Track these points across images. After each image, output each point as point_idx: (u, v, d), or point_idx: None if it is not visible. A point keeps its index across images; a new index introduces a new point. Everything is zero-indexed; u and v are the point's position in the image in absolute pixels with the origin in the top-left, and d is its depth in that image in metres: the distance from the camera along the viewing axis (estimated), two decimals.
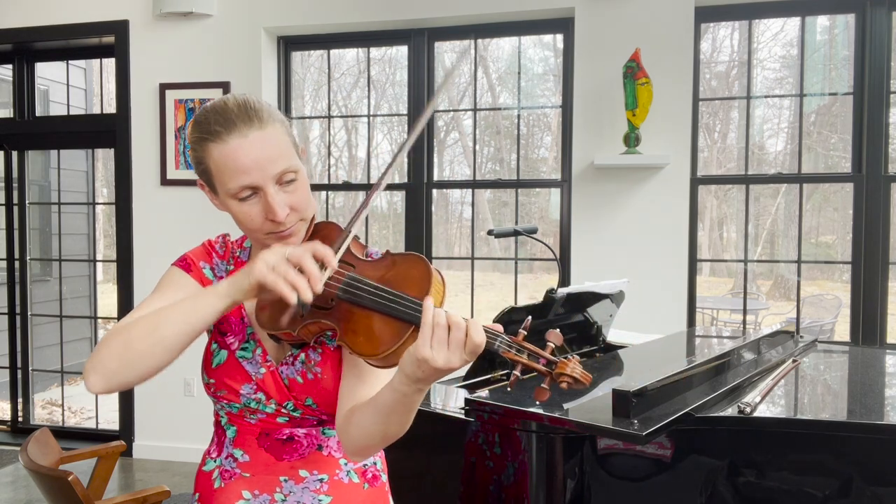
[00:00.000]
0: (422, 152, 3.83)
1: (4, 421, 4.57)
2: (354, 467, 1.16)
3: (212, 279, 1.15)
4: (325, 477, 1.13)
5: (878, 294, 3.31)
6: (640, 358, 2.25)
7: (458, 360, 0.87)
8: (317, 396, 1.10)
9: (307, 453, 1.12)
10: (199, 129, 1.03)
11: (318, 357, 1.10)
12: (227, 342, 1.12)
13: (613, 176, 3.43)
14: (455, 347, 0.87)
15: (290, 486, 1.12)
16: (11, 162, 4.43)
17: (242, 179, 1.00)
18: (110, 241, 9.40)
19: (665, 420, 1.48)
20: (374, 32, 3.85)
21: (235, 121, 1.01)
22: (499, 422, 1.59)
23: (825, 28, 7.74)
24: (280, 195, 1.03)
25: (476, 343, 0.86)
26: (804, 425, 1.61)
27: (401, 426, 0.98)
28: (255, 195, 1.03)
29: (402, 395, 0.92)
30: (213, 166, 1.03)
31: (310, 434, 1.13)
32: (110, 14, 4.00)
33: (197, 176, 1.10)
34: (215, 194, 1.09)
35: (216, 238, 1.22)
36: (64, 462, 2.15)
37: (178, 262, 1.15)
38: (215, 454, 1.18)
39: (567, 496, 1.54)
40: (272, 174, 1.01)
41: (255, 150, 1.00)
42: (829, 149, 10.02)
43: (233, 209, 1.05)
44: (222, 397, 1.12)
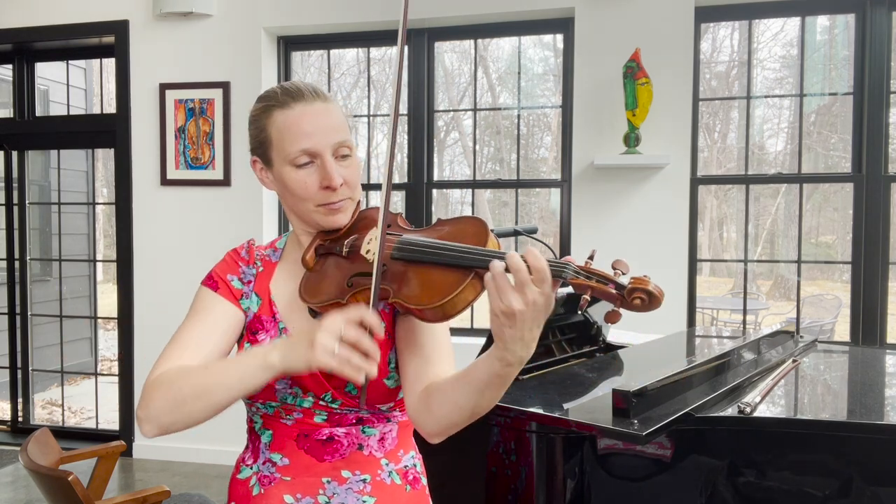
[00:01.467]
0: (422, 152, 3.83)
1: (4, 421, 4.57)
2: (396, 468, 1.14)
3: (241, 288, 1.15)
4: (368, 477, 1.11)
5: (878, 294, 3.31)
6: (640, 358, 2.25)
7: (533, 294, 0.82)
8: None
9: (348, 453, 1.10)
10: (266, 101, 1.11)
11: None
12: (258, 340, 1.11)
13: (613, 176, 3.43)
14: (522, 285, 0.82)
15: (334, 487, 1.09)
16: (11, 162, 4.43)
17: (304, 143, 1.06)
18: (110, 241, 9.40)
19: (665, 420, 1.48)
20: (374, 32, 3.85)
21: (303, 92, 1.09)
22: (509, 424, 1.59)
23: (825, 28, 7.75)
24: (336, 166, 1.08)
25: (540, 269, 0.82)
26: (804, 425, 1.61)
27: (492, 401, 0.96)
28: (311, 164, 1.08)
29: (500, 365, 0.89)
30: (276, 132, 1.08)
31: (349, 433, 1.10)
32: (110, 14, 4.00)
33: (252, 153, 1.15)
34: (269, 167, 1.13)
35: (241, 245, 1.22)
36: (64, 462, 2.14)
37: (206, 281, 1.16)
38: (251, 461, 1.15)
39: (567, 496, 1.54)
40: (332, 142, 1.07)
41: (318, 118, 1.07)
42: (829, 149, 10.02)
43: (288, 178, 1.09)
44: (257, 397, 1.10)
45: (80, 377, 5.98)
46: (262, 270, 1.17)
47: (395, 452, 1.15)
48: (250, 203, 3.86)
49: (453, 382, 0.98)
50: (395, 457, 1.14)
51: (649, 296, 0.83)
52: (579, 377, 1.94)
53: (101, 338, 7.56)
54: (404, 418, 1.16)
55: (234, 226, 3.87)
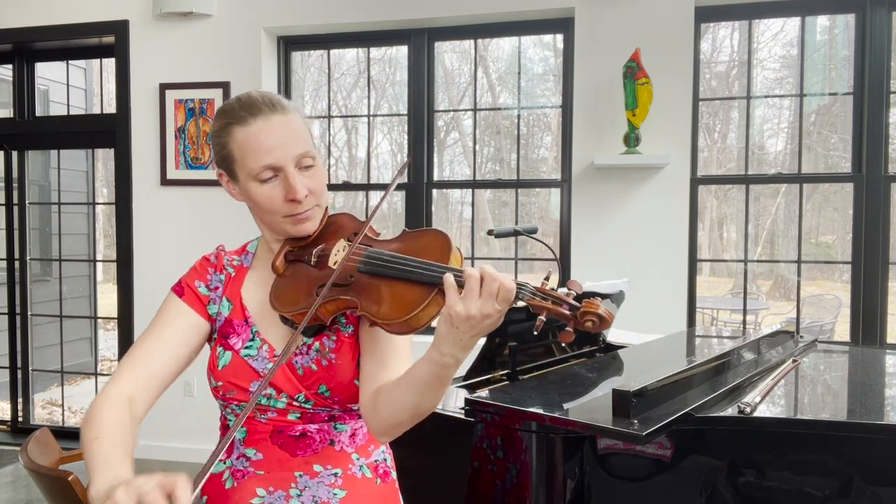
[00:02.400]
0: (422, 152, 3.83)
1: (4, 421, 4.57)
2: (367, 462, 1.17)
3: (207, 294, 1.19)
4: (339, 471, 1.14)
5: (878, 294, 3.31)
6: (640, 358, 2.25)
7: (491, 308, 0.89)
8: (330, 382, 1.11)
9: (320, 448, 1.13)
10: (225, 117, 1.11)
11: (333, 344, 1.12)
12: (230, 344, 1.15)
13: (613, 176, 3.43)
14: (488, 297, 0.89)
15: (306, 480, 1.13)
16: (11, 162, 4.43)
17: (265, 158, 1.07)
18: (110, 241, 9.40)
19: (665, 420, 1.48)
20: (374, 32, 3.85)
21: (260, 106, 1.09)
22: (499, 422, 1.59)
23: (825, 28, 7.75)
24: (300, 178, 1.09)
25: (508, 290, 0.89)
26: (804, 425, 1.61)
27: (432, 401, 1.00)
28: (275, 177, 1.09)
29: (438, 365, 0.95)
30: (237, 149, 1.09)
31: (322, 429, 1.14)
32: (110, 14, 4.00)
33: (217, 167, 1.16)
34: (235, 182, 1.14)
35: (211, 252, 1.25)
36: (64, 462, 2.14)
37: (174, 287, 1.20)
38: (224, 456, 1.18)
39: (567, 496, 1.54)
40: (293, 155, 1.08)
41: (277, 132, 1.08)
42: (829, 149, 10.02)
43: (253, 192, 1.10)
44: (232, 398, 1.13)
45: (80, 377, 5.98)
46: (234, 276, 1.21)
47: (365, 447, 1.18)
48: None
49: (396, 383, 1.03)
50: (365, 451, 1.18)
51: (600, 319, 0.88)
52: (579, 377, 1.94)
53: (101, 338, 7.56)
54: None
55: (234, 226, 3.87)
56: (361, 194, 4.35)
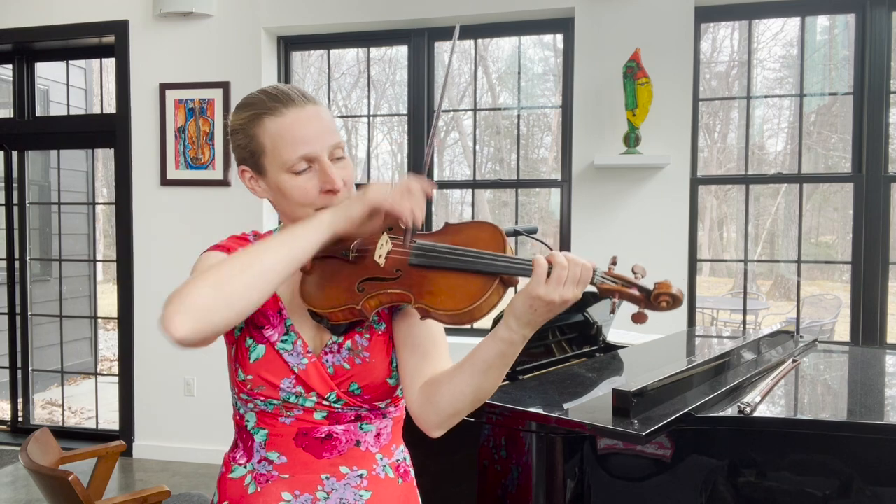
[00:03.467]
0: (421, 152, 3.83)
1: (4, 421, 4.57)
2: (389, 462, 1.16)
3: None
4: (364, 472, 1.12)
5: (878, 294, 3.31)
6: (640, 358, 2.25)
7: (571, 293, 0.92)
8: (363, 381, 1.09)
9: (346, 449, 1.11)
10: (252, 108, 1.09)
11: (366, 342, 1.11)
12: (265, 335, 1.09)
13: (613, 176, 3.43)
14: (571, 282, 0.92)
15: (332, 483, 1.10)
16: (11, 162, 4.43)
17: (302, 149, 1.05)
18: (110, 241, 9.40)
19: (665, 420, 1.48)
20: (374, 32, 3.85)
21: (293, 97, 1.08)
22: (500, 422, 1.59)
23: (825, 28, 7.74)
24: (334, 168, 1.08)
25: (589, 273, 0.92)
26: (804, 425, 1.61)
27: (495, 383, 1.00)
28: (310, 169, 1.07)
29: (507, 344, 0.96)
30: (269, 141, 1.06)
31: (348, 430, 1.11)
32: (110, 14, 4.00)
33: (240, 163, 1.13)
34: (262, 175, 1.10)
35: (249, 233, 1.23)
36: (64, 462, 2.15)
37: (214, 247, 1.14)
38: (244, 460, 1.15)
39: (567, 496, 1.54)
40: (329, 144, 1.07)
41: (312, 122, 1.06)
42: (829, 149, 10.02)
43: (285, 185, 1.07)
44: (259, 394, 1.08)
45: (80, 377, 5.98)
46: None
47: (388, 447, 1.17)
48: (250, 203, 3.86)
49: (456, 369, 1.02)
50: (388, 451, 1.16)
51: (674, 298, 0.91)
52: (579, 377, 1.94)
53: (101, 338, 7.56)
54: (398, 413, 1.18)
55: (234, 226, 3.87)
56: None
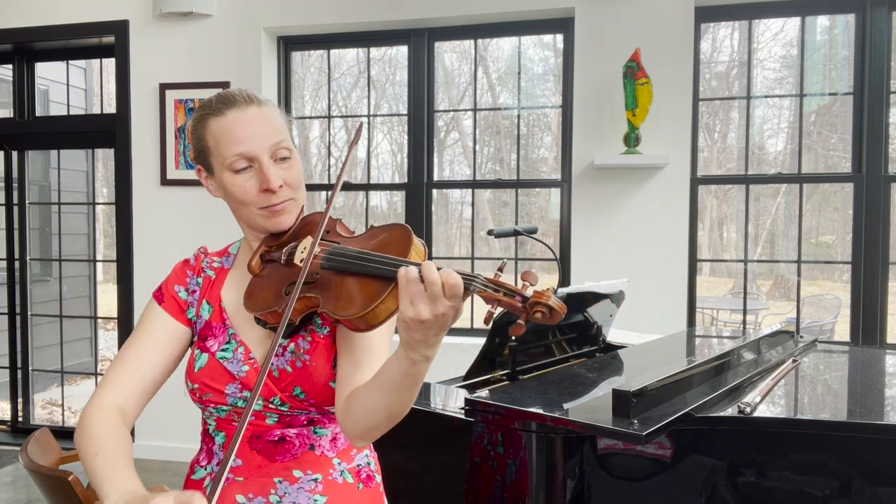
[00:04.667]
0: (422, 152, 3.83)
1: (4, 421, 4.57)
2: (348, 467, 1.16)
3: (186, 298, 1.19)
4: (320, 476, 1.13)
5: (878, 294, 3.31)
6: (640, 358, 2.25)
7: (444, 307, 0.85)
8: (305, 384, 1.10)
9: (300, 453, 1.12)
10: (202, 110, 1.13)
11: (308, 345, 1.11)
12: (207, 346, 1.14)
13: (613, 176, 3.43)
14: (435, 297, 0.85)
15: (285, 486, 1.11)
16: (11, 162, 4.43)
17: (238, 147, 1.08)
18: (110, 241, 9.40)
19: (665, 420, 1.48)
20: (374, 32, 3.85)
21: (236, 98, 1.11)
22: (500, 422, 1.59)
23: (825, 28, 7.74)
24: (274, 168, 1.09)
25: (453, 285, 0.85)
26: (804, 425, 1.61)
27: (406, 402, 0.97)
28: (250, 168, 1.09)
29: (408, 364, 0.91)
30: (212, 140, 1.11)
31: (301, 434, 1.12)
32: (110, 14, 4.00)
33: (195, 162, 1.18)
34: (211, 175, 1.15)
35: (194, 254, 1.26)
36: (64, 462, 2.15)
37: (155, 293, 1.21)
38: (205, 462, 1.18)
39: (567, 496, 1.54)
40: (267, 145, 1.09)
41: (251, 122, 1.09)
42: (829, 149, 10.02)
43: (227, 183, 1.11)
44: (208, 401, 1.13)
45: (80, 377, 5.98)
46: (214, 278, 1.21)
47: (347, 452, 1.17)
48: None
49: (367, 385, 1.00)
50: (347, 456, 1.17)
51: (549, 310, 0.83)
52: (579, 377, 1.94)
53: (101, 338, 7.56)
54: None
55: (233, 226, 3.87)
56: (362, 194, 4.36)
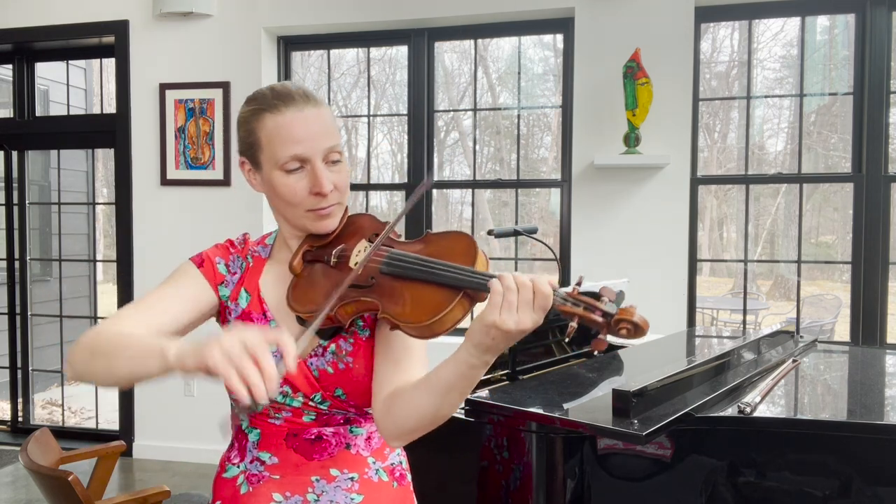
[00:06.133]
0: (422, 152, 3.83)
1: (4, 421, 4.57)
2: (383, 465, 1.16)
3: (224, 274, 1.15)
4: (356, 475, 1.12)
5: (878, 294, 3.31)
6: (640, 358, 2.25)
7: (529, 319, 0.86)
8: (347, 386, 1.09)
9: (336, 452, 1.12)
10: (256, 103, 1.09)
11: (350, 347, 1.10)
12: None
13: (613, 176, 3.43)
14: (524, 307, 0.86)
15: (323, 485, 1.11)
16: (11, 162, 4.43)
17: (294, 149, 1.05)
18: (110, 241, 9.40)
19: (665, 420, 1.48)
20: (374, 32, 3.85)
21: (294, 96, 1.08)
22: (500, 422, 1.59)
23: (825, 28, 7.74)
24: (326, 171, 1.07)
25: (545, 297, 0.86)
26: (804, 425, 1.61)
27: (454, 405, 0.97)
28: (301, 169, 1.07)
29: (467, 367, 0.92)
30: (265, 136, 1.07)
31: (337, 433, 1.12)
32: (110, 14, 4.00)
33: (240, 154, 1.14)
34: (258, 170, 1.11)
35: (237, 237, 1.23)
36: (64, 462, 2.14)
37: (193, 257, 1.16)
38: (237, 459, 1.16)
39: (567, 496, 1.54)
40: (322, 148, 1.06)
41: (309, 123, 1.06)
42: (829, 149, 10.02)
43: (276, 183, 1.08)
44: None
45: None
46: (252, 266, 1.18)
47: (381, 451, 1.17)
48: (250, 203, 3.86)
49: (416, 385, 1.00)
50: (381, 455, 1.16)
51: (635, 327, 0.85)
52: (579, 377, 1.94)
53: None
54: None
55: (234, 226, 3.87)
56: (361, 194, 4.35)
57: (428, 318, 0.92)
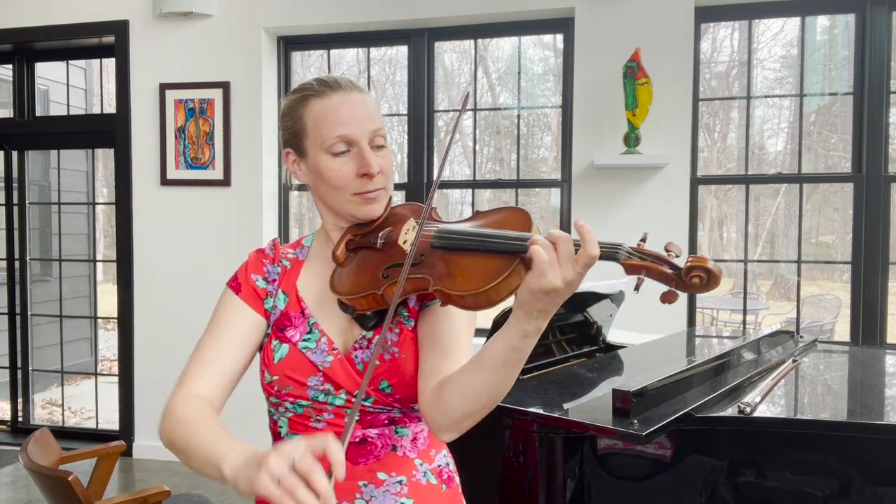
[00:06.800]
0: (422, 152, 3.83)
1: (4, 421, 4.57)
2: (430, 467, 1.13)
3: (265, 287, 1.15)
4: (404, 479, 1.09)
5: (878, 294, 3.31)
6: (640, 358, 2.25)
7: (572, 273, 0.85)
8: (393, 378, 1.06)
9: (382, 455, 1.08)
10: (301, 91, 1.12)
11: (396, 337, 1.08)
12: (287, 336, 1.10)
13: (613, 176, 3.43)
14: (566, 261, 0.86)
15: (371, 490, 1.08)
16: (11, 162, 4.43)
17: (341, 129, 1.07)
18: (110, 241, 9.40)
19: (665, 420, 1.48)
20: (374, 32, 3.85)
21: (340, 83, 1.11)
22: (509, 424, 1.59)
23: (825, 28, 7.74)
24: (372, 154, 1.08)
25: (590, 254, 0.85)
26: (804, 425, 1.61)
27: (508, 382, 0.95)
28: (348, 152, 1.08)
29: (519, 336, 0.89)
30: (312, 120, 1.09)
31: (382, 434, 1.09)
32: (110, 14, 4.00)
33: (285, 146, 1.15)
34: (303, 157, 1.12)
35: (267, 244, 1.21)
36: (64, 462, 2.15)
37: (230, 283, 1.16)
38: None
39: (567, 496, 1.54)
40: (368, 129, 1.08)
41: (355, 106, 1.08)
42: (829, 149, 10.02)
43: (323, 167, 1.08)
44: (287, 395, 1.08)
45: (80, 377, 5.98)
46: (290, 268, 1.17)
47: (427, 452, 1.13)
48: (250, 203, 3.86)
49: (466, 367, 0.97)
50: (427, 456, 1.13)
51: (708, 274, 0.82)
52: (579, 377, 1.94)
53: (101, 338, 7.56)
54: None
55: (234, 226, 3.87)
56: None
57: (485, 284, 0.89)
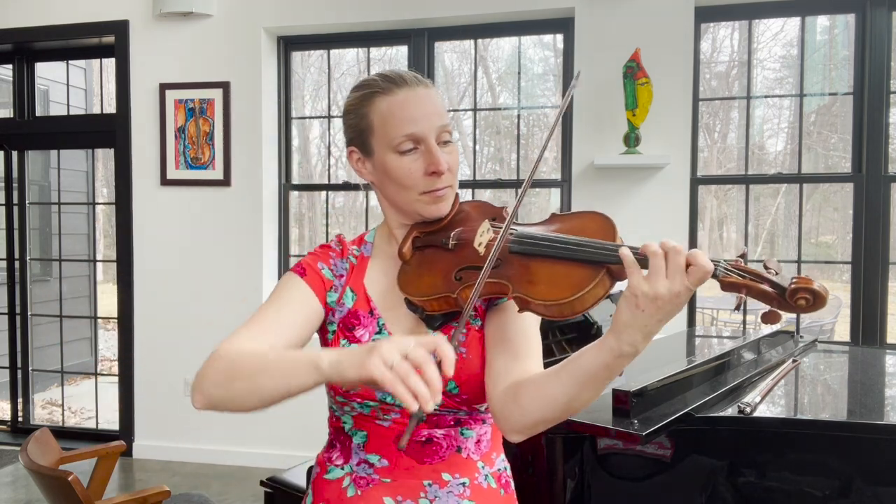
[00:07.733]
0: None
1: (4, 421, 4.57)
2: (491, 471, 1.12)
3: (331, 278, 1.12)
4: (467, 481, 1.08)
5: (878, 294, 3.31)
6: (639, 358, 2.25)
7: (681, 286, 0.80)
8: (461, 378, 1.04)
9: (447, 455, 1.07)
10: (366, 87, 1.09)
11: (463, 337, 1.07)
12: (356, 336, 1.08)
13: (613, 176, 3.43)
14: (675, 273, 0.81)
15: (435, 490, 1.06)
16: (11, 162, 4.43)
17: (409, 127, 1.04)
18: (110, 241, 9.40)
19: (665, 420, 1.48)
20: (374, 32, 3.85)
21: (406, 78, 1.08)
22: None
23: (825, 28, 7.74)
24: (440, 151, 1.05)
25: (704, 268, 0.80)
26: (804, 425, 1.61)
27: (593, 397, 0.92)
28: (415, 150, 1.05)
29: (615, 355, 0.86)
30: (378, 118, 1.07)
31: (448, 435, 1.07)
32: (110, 14, 4.00)
33: (349, 144, 1.13)
34: (369, 156, 1.10)
35: (332, 240, 1.20)
36: (64, 462, 2.15)
37: (294, 268, 1.13)
38: (341, 461, 1.11)
39: (567, 496, 1.54)
40: (436, 125, 1.06)
41: (422, 103, 1.06)
42: (829, 149, 10.02)
43: (390, 165, 1.06)
44: (355, 395, 1.06)
45: (80, 377, 5.98)
46: (357, 265, 1.15)
47: (489, 455, 1.13)
48: (250, 203, 3.86)
49: (550, 374, 0.94)
50: (489, 460, 1.12)
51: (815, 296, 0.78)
52: None
53: (101, 338, 7.55)
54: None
55: (233, 226, 3.87)
56: (362, 194, 4.36)
57: (569, 294, 0.86)
